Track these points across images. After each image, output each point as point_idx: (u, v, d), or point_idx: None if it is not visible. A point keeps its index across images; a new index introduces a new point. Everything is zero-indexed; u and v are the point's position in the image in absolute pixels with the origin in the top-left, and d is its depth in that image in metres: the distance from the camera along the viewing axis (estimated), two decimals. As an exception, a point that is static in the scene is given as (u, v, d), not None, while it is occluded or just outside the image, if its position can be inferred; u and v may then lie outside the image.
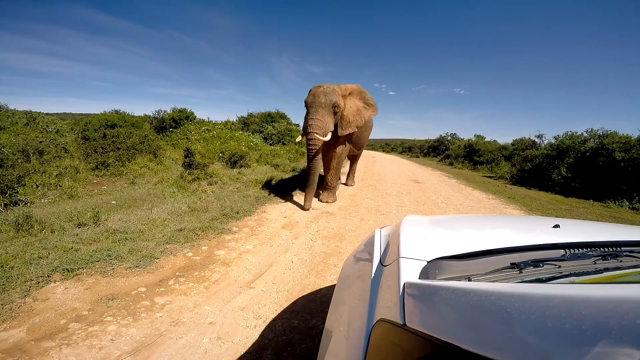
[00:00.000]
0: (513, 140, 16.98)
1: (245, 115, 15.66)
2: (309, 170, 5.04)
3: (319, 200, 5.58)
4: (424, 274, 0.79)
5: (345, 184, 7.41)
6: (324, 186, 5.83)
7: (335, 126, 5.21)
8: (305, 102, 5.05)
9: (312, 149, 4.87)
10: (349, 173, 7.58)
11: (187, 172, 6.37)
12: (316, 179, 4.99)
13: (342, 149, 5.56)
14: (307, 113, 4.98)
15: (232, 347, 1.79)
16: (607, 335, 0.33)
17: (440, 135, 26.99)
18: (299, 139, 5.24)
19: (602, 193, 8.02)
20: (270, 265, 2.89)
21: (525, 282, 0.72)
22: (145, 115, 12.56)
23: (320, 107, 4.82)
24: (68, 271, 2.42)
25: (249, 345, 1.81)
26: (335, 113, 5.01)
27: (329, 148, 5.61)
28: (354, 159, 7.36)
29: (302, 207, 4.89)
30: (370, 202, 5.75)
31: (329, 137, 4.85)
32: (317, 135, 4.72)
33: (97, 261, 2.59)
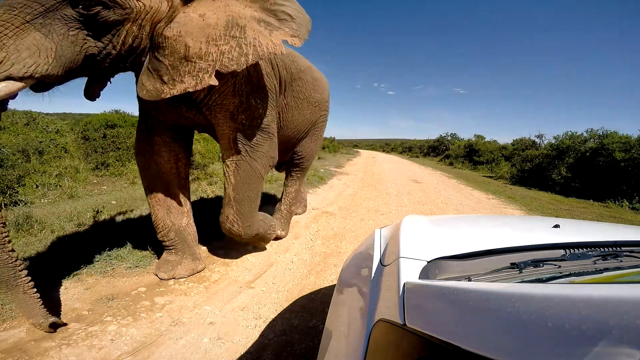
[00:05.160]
0: (513, 140, 17.02)
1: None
2: None
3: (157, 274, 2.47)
4: (424, 274, 0.79)
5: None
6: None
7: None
8: None
9: None
10: (282, 198, 3.69)
11: (187, 172, 6.38)
12: None
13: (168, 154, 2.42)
14: None
15: (232, 347, 1.79)
16: (607, 335, 0.33)
17: (440, 135, 27.09)
18: None
19: (602, 193, 8.03)
20: (270, 265, 2.89)
21: (525, 282, 0.72)
22: (145, 115, 12.52)
23: None
24: (68, 271, 2.41)
25: (249, 345, 1.81)
26: (101, 22, 1.63)
27: (154, 144, 2.39)
28: (290, 173, 3.77)
29: None
30: (370, 202, 5.74)
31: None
32: None
33: (97, 261, 2.59)
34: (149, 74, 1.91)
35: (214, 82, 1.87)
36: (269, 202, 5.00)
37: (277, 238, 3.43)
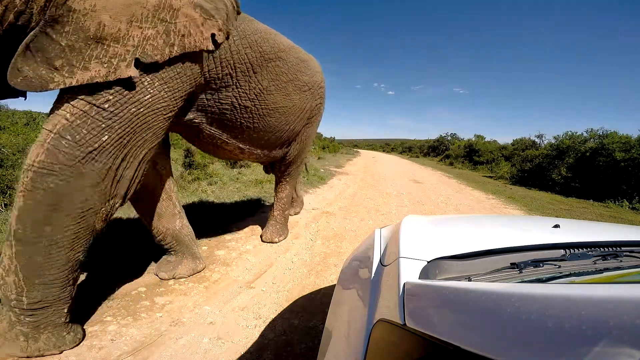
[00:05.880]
0: (513, 140, 17.05)
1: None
2: None
3: None
4: (424, 274, 0.79)
5: (266, 239, 3.39)
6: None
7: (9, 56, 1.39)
8: None
9: None
10: (274, 204, 3.54)
11: (187, 172, 6.37)
12: None
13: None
14: None
15: (232, 347, 1.79)
16: (607, 335, 0.32)
17: (440, 135, 27.16)
18: None
19: (602, 193, 8.03)
20: (270, 265, 2.89)
21: (525, 282, 0.72)
22: (145, 115, 12.50)
23: None
24: (68, 271, 2.41)
25: (249, 345, 1.81)
26: None
27: None
28: (279, 179, 3.50)
29: None
30: (370, 202, 5.74)
31: None
32: None
33: (97, 261, 2.59)
34: (28, 55, 1.38)
35: (134, 73, 1.48)
36: (263, 205, 5.01)
37: (272, 242, 3.39)
